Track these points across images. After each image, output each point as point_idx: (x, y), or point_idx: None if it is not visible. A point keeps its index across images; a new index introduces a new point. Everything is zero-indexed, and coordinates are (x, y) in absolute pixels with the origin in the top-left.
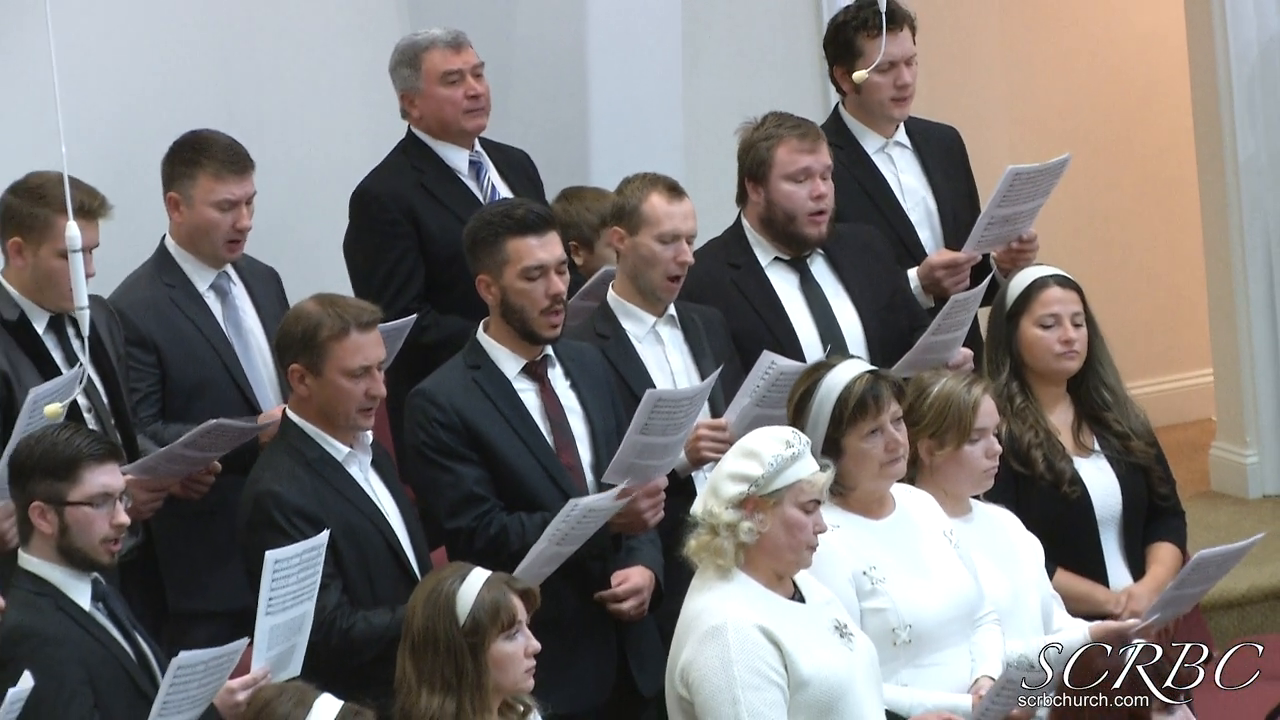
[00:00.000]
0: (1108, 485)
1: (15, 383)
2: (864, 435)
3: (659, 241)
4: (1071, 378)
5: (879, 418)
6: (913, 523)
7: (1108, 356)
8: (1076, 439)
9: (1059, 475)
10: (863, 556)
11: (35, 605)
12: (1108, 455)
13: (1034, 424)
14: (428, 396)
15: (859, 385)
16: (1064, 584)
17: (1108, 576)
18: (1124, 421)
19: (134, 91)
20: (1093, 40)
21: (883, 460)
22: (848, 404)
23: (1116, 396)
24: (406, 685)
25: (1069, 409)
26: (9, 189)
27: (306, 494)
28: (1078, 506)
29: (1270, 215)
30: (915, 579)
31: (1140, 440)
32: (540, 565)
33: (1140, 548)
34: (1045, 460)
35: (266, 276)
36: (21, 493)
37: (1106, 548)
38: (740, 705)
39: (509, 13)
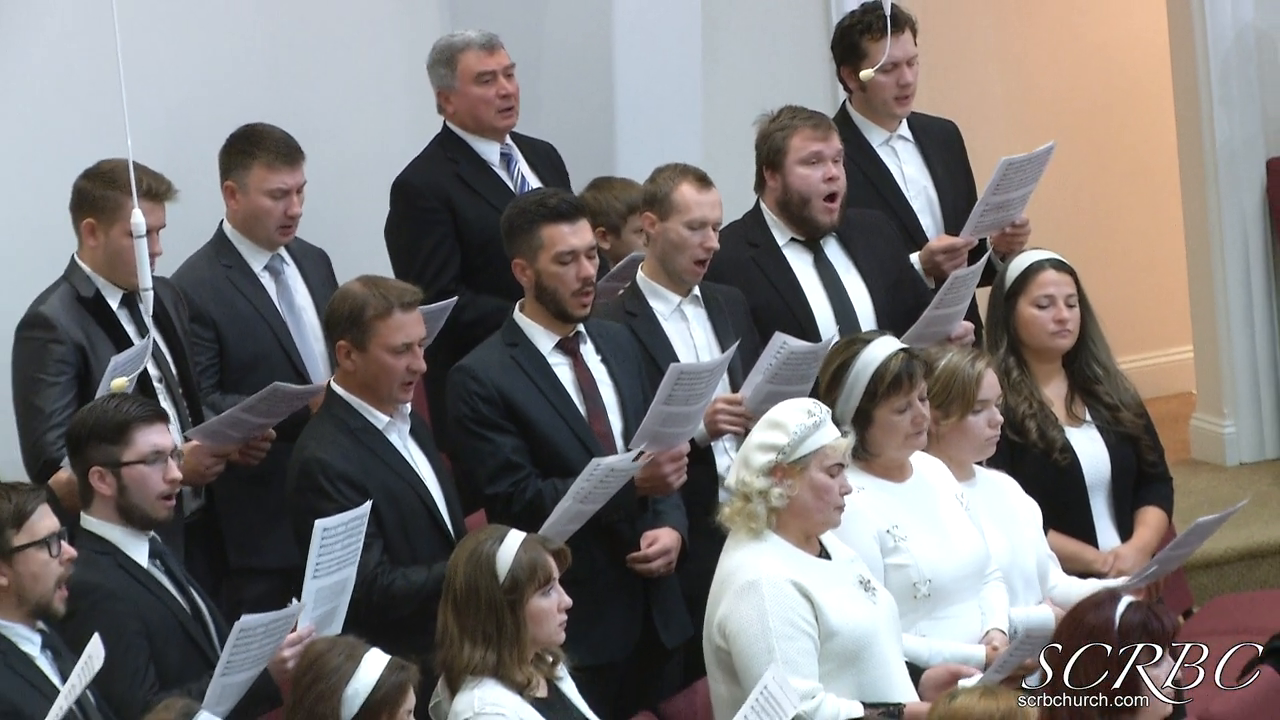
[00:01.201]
0: (1097, 453)
1: (91, 355)
2: (895, 409)
3: (688, 228)
4: (1065, 353)
5: (910, 394)
6: (929, 486)
7: (1100, 334)
8: (1069, 410)
9: (1051, 443)
10: (886, 516)
11: (97, 563)
12: (1098, 425)
13: (1029, 396)
14: (468, 372)
15: (895, 363)
16: (1055, 545)
17: (1097, 538)
18: (1114, 394)
19: (193, 86)
20: (1080, 39)
21: (909, 432)
22: (883, 379)
23: (1107, 371)
24: (449, 639)
25: (1063, 382)
26: (81, 175)
27: (350, 460)
28: (1069, 472)
29: (1246, 200)
30: (933, 538)
31: (1129, 411)
32: (565, 522)
33: (1128, 511)
34: (1038, 430)
35: (317, 258)
36: (81, 460)
37: (1096, 511)
38: (775, 653)
39: (540, 14)
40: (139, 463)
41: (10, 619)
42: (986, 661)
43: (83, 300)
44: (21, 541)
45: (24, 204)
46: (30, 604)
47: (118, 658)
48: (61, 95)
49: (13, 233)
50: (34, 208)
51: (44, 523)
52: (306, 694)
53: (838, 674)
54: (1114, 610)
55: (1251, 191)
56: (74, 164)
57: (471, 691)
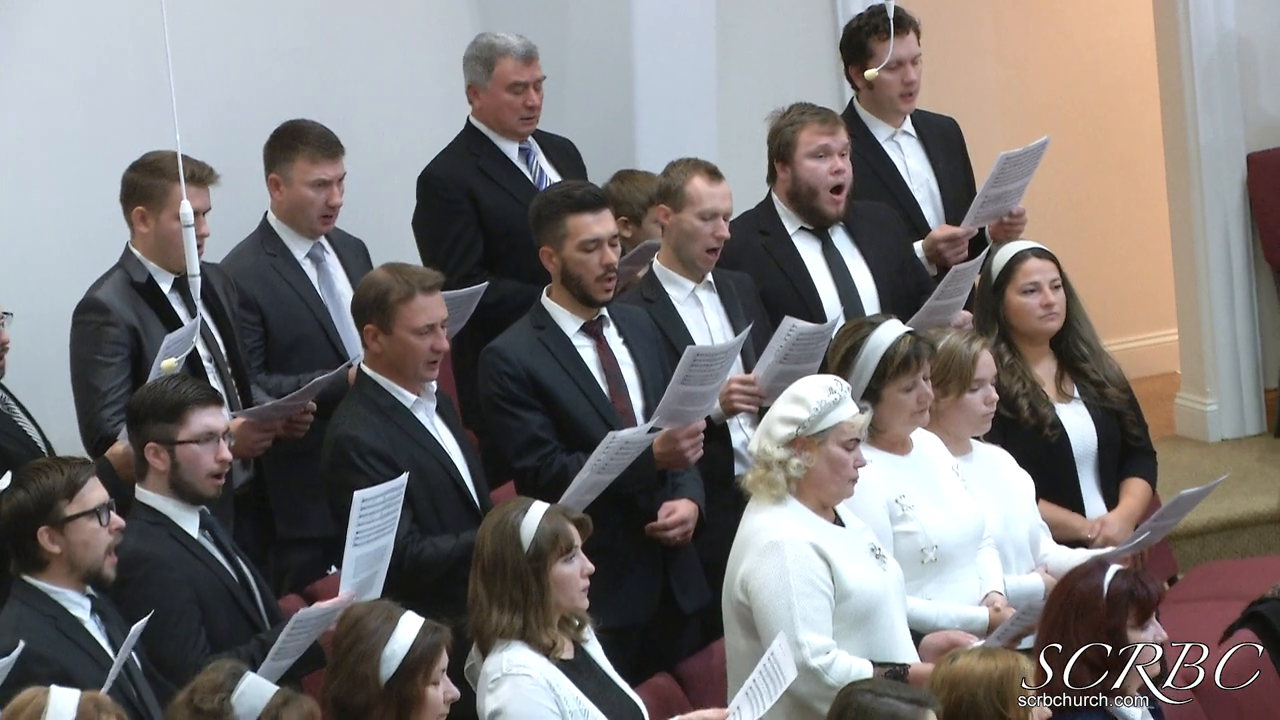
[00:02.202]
0: (1085, 428)
1: (144, 337)
2: (903, 388)
3: (700, 218)
4: (1053, 335)
5: (917, 374)
6: (929, 459)
7: (1084, 315)
8: (1059, 388)
9: (1041, 419)
10: (894, 487)
11: (150, 533)
12: (1085, 401)
13: (1021, 376)
14: (498, 353)
15: (903, 345)
16: (1045, 513)
17: (1084, 507)
18: (1100, 371)
19: (238, 85)
20: (1074, 41)
21: (914, 410)
22: (892, 361)
23: (1093, 350)
24: (479, 605)
25: (1052, 362)
26: (130, 167)
27: (380, 437)
28: (1058, 446)
29: (1227, 192)
30: (937, 507)
31: (1114, 387)
32: (583, 492)
33: (1114, 482)
34: (1030, 407)
35: (355, 247)
36: (138, 435)
37: (1083, 482)
38: (794, 610)
39: (565, 19)
40: (192, 442)
41: (61, 585)
42: (990, 623)
43: (136, 285)
44: (73, 511)
45: (79, 197)
46: (81, 570)
47: (171, 623)
48: (113, 94)
49: (69, 223)
50: (88, 200)
51: (94, 494)
52: (347, 655)
53: (848, 634)
54: (1102, 578)
55: (1232, 184)
56: (125, 159)
57: (500, 654)
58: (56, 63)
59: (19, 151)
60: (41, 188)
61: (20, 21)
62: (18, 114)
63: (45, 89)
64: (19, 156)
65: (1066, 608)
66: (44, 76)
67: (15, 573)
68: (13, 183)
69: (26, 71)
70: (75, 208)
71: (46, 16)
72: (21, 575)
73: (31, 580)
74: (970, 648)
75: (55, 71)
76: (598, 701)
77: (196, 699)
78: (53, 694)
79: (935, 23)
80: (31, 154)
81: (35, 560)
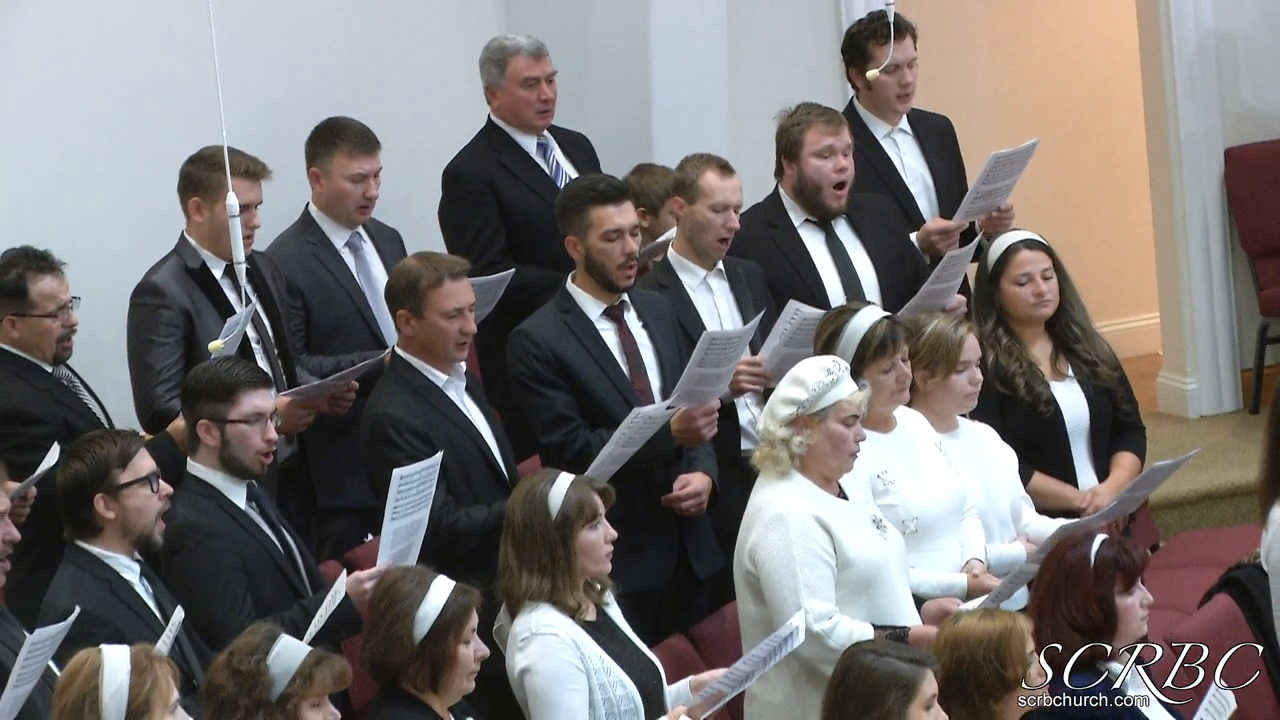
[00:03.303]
0: (1078, 404)
1: (196, 319)
2: (881, 369)
3: (712, 210)
4: (1048, 318)
5: (894, 356)
6: (911, 436)
7: (1077, 299)
8: (1054, 367)
9: (1036, 397)
10: (876, 463)
11: (200, 505)
12: (1079, 380)
13: (1018, 357)
14: (526, 335)
15: (880, 329)
16: (1040, 485)
17: (1077, 479)
18: (1092, 351)
19: (281, 85)
20: (1061, 44)
21: (894, 389)
22: (870, 345)
23: (1085, 331)
24: (509, 570)
25: (1047, 343)
26: (187, 160)
27: (415, 415)
28: (1052, 421)
29: (1206, 185)
30: (917, 481)
31: (1106, 366)
32: (609, 464)
33: (1105, 455)
34: (1025, 385)
35: (391, 236)
36: (191, 412)
37: (1076, 455)
38: (798, 579)
39: (585, 22)
40: (242, 422)
41: (113, 550)
42: (969, 588)
43: (189, 270)
44: (126, 479)
45: (135, 189)
46: (134, 535)
47: (218, 589)
48: (165, 94)
49: (127, 213)
50: (144, 192)
51: (144, 463)
52: (384, 616)
53: (851, 599)
54: (1089, 548)
55: (1211, 177)
56: (177, 153)
57: (529, 615)
58: (114, 68)
59: (80, 148)
60: (101, 181)
61: (79, 31)
62: (79, 114)
63: (103, 91)
64: (80, 153)
65: (1057, 576)
66: (102, 80)
67: (69, 538)
68: (75, 177)
69: (86, 76)
70: (132, 199)
71: (103, 25)
72: (75, 540)
73: (85, 545)
74: (973, 609)
75: (112, 75)
76: (618, 660)
77: (234, 661)
78: (105, 652)
79: (931, 27)
80: (91, 150)
81: (90, 526)
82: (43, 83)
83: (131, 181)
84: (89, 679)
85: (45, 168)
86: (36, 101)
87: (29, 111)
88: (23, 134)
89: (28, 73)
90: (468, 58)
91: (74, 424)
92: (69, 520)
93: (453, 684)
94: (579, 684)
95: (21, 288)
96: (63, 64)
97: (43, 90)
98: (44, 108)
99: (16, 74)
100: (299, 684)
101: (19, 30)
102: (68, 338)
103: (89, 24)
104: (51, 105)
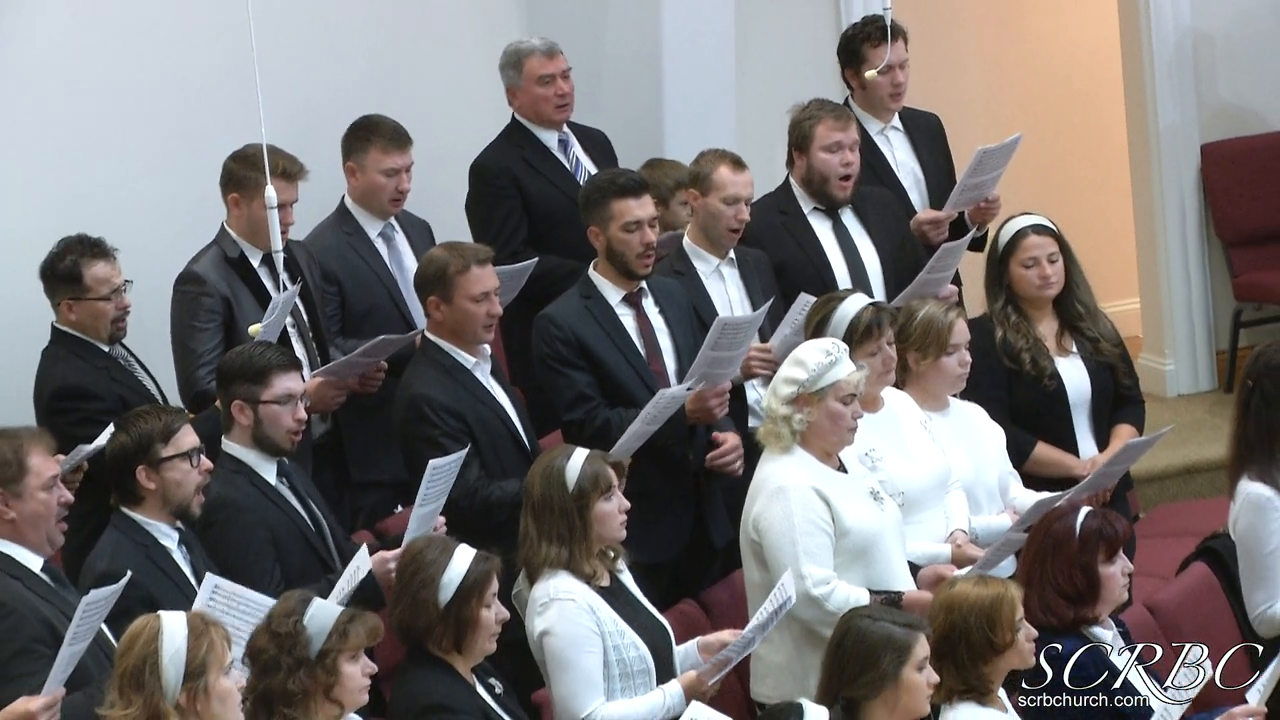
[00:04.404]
0: (1080, 379)
1: (235, 306)
2: (868, 352)
3: (724, 202)
4: (1054, 298)
5: (879, 340)
6: (897, 416)
7: (1083, 279)
8: (1059, 343)
9: (1041, 371)
10: (864, 441)
11: (233, 481)
12: (1082, 356)
13: (1025, 334)
14: (550, 319)
15: (865, 315)
16: (1043, 454)
17: (1078, 449)
18: (1095, 329)
19: (315, 85)
20: (1047, 44)
21: (880, 371)
22: (857, 329)
23: (1089, 310)
24: (529, 539)
25: (1054, 320)
26: (229, 157)
27: (447, 394)
28: (1055, 395)
29: (1184, 178)
30: (903, 458)
31: (1108, 343)
32: (634, 440)
33: (1106, 428)
34: (1031, 360)
35: (421, 227)
36: (226, 393)
37: (1078, 426)
38: (798, 547)
39: (601, 25)
40: (274, 402)
41: (154, 518)
42: (953, 557)
43: (229, 260)
44: (169, 453)
45: (179, 184)
46: (173, 505)
47: (249, 560)
48: (208, 95)
49: (170, 206)
50: (187, 186)
51: (186, 438)
52: (410, 583)
53: (849, 566)
54: (1075, 519)
55: (1188, 170)
56: (221, 149)
57: (547, 581)
58: (163, 72)
59: (127, 145)
60: (147, 175)
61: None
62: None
63: (152, 94)
64: (127, 150)
65: (1045, 545)
66: (151, 83)
67: (115, 505)
68: (122, 172)
69: (138, 80)
70: (175, 193)
71: (154, 33)
72: (120, 507)
73: (128, 512)
74: (967, 575)
75: (162, 79)
76: (631, 623)
77: (274, 625)
78: (164, 618)
79: (922, 29)
80: (138, 147)
81: (133, 495)
82: (99, 87)
83: (178, 176)
84: (149, 643)
85: (101, 163)
86: (95, 104)
87: (87, 113)
88: (82, 133)
89: (87, 79)
90: (491, 60)
91: (129, 400)
92: (115, 487)
93: (476, 645)
94: (594, 646)
95: (76, 273)
96: (117, 70)
97: (99, 93)
98: (100, 109)
99: (77, 81)
100: (335, 640)
101: (79, 39)
102: (122, 319)
103: (141, 33)
104: (107, 106)
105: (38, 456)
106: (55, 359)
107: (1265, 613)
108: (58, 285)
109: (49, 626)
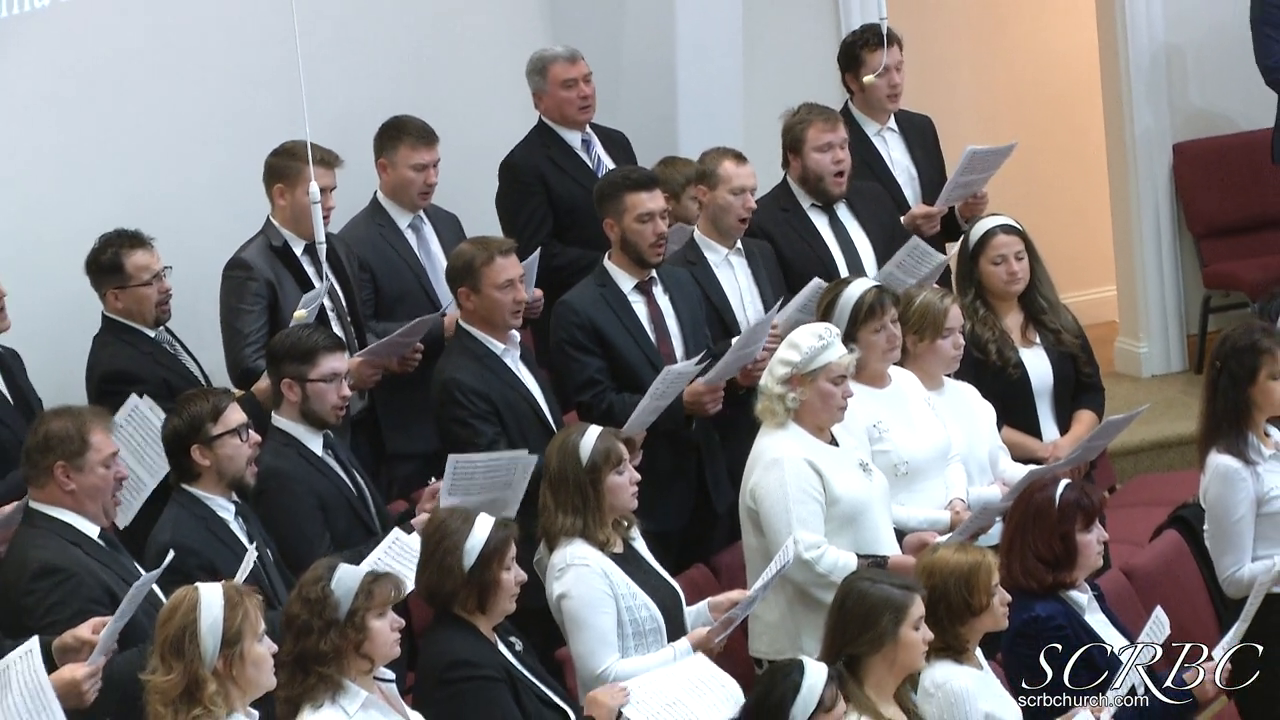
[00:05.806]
0: (1043, 368)
1: (279, 290)
2: (873, 330)
3: (731, 194)
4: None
5: (883, 319)
6: (903, 392)
7: (1046, 275)
8: (1024, 335)
9: (1006, 360)
10: (871, 414)
11: (282, 453)
12: (1045, 346)
13: (991, 326)
14: (568, 305)
15: (869, 296)
16: (1008, 438)
17: (1041, 433)
18: (1057, 321)
19: (353, 87)
20: (1032, 52)
21: (884, 349)
22: (861, 309)
23: (1052, 304)
24: (547, 510)
25: (1019, 314)
26: (271, 152)
27: (477, 379)
28: (1020, 383)
29: (1158, 174)
30: (907, 430)
31: (1069, 334)
32: (645, 416)
33: (1068, 413)
34: (997, 350)
35: (449, 220)
36: (276, 372)
37: (1041, 412)
38: (792, 515)
39: (619, 33)
40: (320, 380)
41: (211, 492)
42: (951, 523)
43: (274, 248)
44: (219, 431)
45: (228, 177)
46: (228, 478)
47: (300, 526)
48: (255, 95)
49: (220, 198)
50: (235, 180)
51: (234, 416)
52: (435, 550)
53: (839, 532)
54: (1054, 491)
55: (1162, 168)
56: (265, 147)
57: (564, 549)
58: (212, 73)
59: (179, 141)
60: (198, 169)
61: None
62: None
63: (203, 94)
64: (179, 146)
65: (1026, 514)
66: (202, 84)
67: (174, 482)
68: (175, 166)
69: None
70: (225, 186)
71: (205, 35)
72: (180, 484)
73: (187, 488)
74: (948, 541)
75: (211, 80)
76: (643, 586)
77: (304, 591)
78: (201, 589)
79: (917, 36)
80: (189, 143)
81: (190, 472)
82: (154, 87)
83: (228, 173)
84: (188, 613)
85: (154, 158)
86: (148, 102)
87: (142, 111)
88: (137, 130)
89: (141, 79)
90: (517, 66)
91: (173, 383)
92: (174, 466)
93: (498, 605)
94: (608, 608)
95: (118, 263)
96: (171, 71)
97: (153, 93)
98: (153, 108)
99: (131, 81)
100: (362, 599)
101: (138, 48)
102: (165, 302)
103: (195, 43)
104: (160, 106)
105: (99, 434)
106: (103, 345)
107: (1233, 575)
108: (102, 276)
109: (106, 589)
